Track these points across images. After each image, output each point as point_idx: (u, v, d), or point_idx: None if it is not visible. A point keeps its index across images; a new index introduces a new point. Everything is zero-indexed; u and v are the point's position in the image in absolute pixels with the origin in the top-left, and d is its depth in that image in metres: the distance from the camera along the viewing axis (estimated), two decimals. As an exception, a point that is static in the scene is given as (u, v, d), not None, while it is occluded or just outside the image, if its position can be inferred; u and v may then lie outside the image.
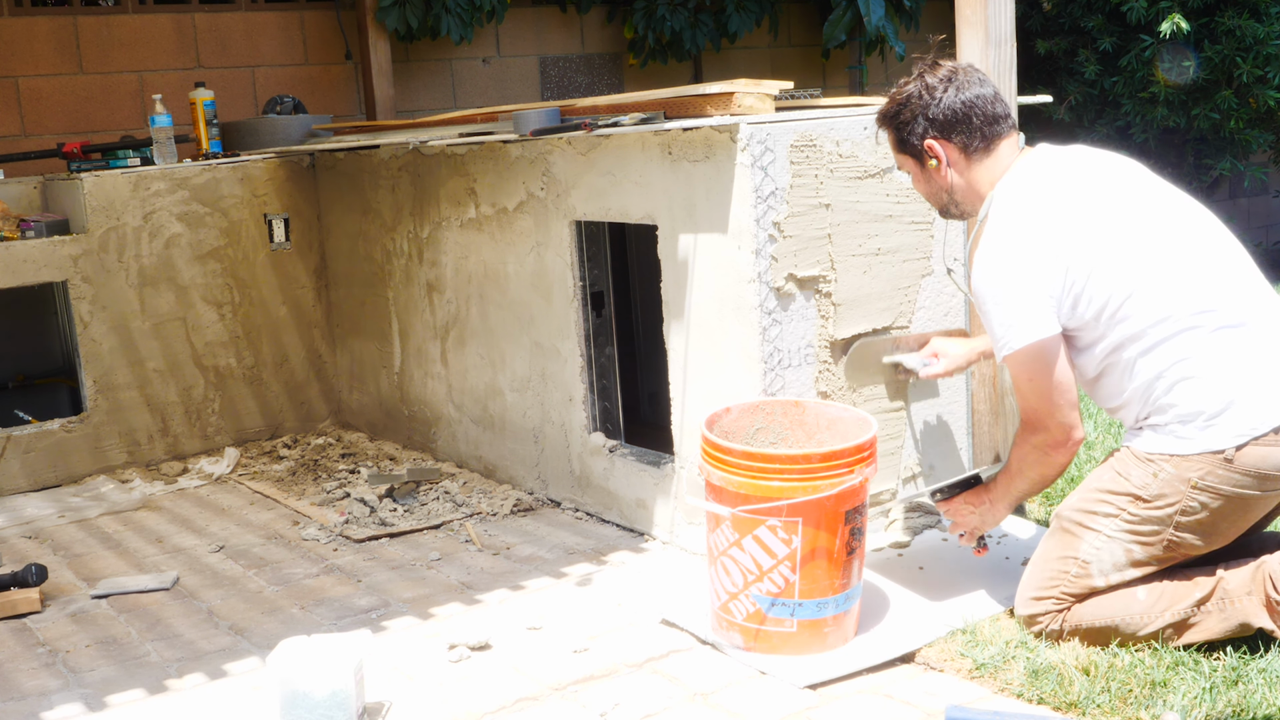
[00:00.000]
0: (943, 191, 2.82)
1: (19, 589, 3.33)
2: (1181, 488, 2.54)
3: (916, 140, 2.78)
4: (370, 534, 3.75)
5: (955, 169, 2.78)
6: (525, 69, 6.41)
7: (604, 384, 3.81)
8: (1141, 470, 2.58)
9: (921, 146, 2.78)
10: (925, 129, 2.76)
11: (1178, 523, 2.56)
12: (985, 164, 2.76)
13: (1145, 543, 2.59)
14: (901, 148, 2.84)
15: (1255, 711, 2.33)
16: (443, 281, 4.36)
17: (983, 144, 2.76)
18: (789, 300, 3.18)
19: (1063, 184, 2.68)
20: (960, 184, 2.79)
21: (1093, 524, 2.63)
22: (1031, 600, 2.69)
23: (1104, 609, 2.62)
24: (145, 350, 4.69)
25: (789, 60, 7.24)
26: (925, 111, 2.75)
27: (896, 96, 2.82)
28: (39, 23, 5.22)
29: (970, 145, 2.75)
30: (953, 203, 2.83)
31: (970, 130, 2.75)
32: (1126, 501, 2.59)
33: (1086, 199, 2.65)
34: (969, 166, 2.77)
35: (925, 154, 2.78)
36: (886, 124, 2.86)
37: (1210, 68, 6.28)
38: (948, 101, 2.74)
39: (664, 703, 2.57)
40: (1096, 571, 2.62)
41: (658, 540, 3.56)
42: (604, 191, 3.57)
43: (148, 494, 4.38)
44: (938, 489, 2.91)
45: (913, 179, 2.89)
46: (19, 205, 4.79)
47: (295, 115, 5.29)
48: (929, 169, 2.80)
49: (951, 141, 2.76)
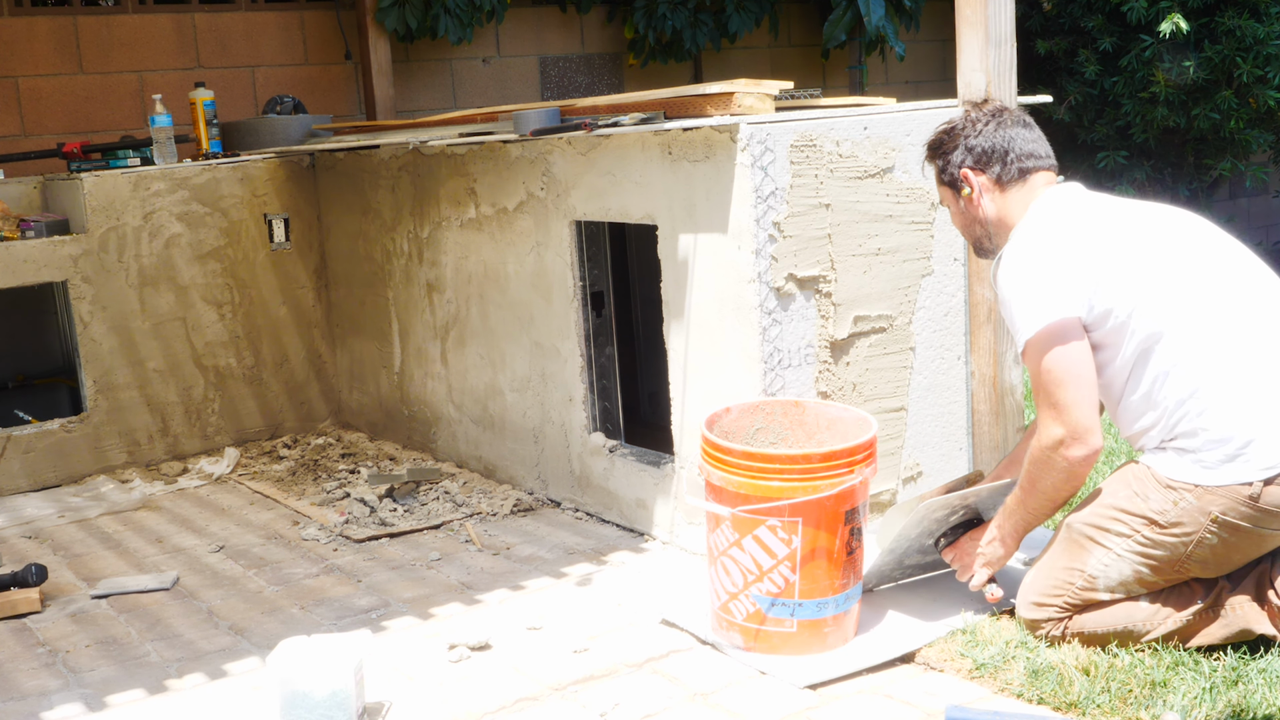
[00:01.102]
0: (976, 223, 2.83)
1: (19, 589, 3.33)
2: (1201, 519, 2.50)
3: (954, 170, 2.82)
4: (370, 534, 3.75)
5: (988, 200, 2.79)
6: (525, 69, 6.41)
7: (604, 384, 3.81)
8: (1161, 496, 2.53)
9: (958, 176, 2.81)
10: (963, 159, 2.80)
11: (1191, 553, 2.53)
12: (1018, 197, 2.77)
13: (1155, 565, 2.57)
14: (941, 178, 2.87)
15: (1255, 711, 2.33)
16: (443, 281, 4.36)
17: (1018, 177, 2.77)
18: (789, 300, 3.18)
19: (1094, 203, 2.71)
20: (993, 216, 2.79)
21: (1104, 540, 2.60)
22: (1034, 605, 2.67)
23: (1106, 618, 2.62)
24: (145, 350, 4.69)
25: (789, 60, 7.24)
26: (965, 142, 2.80)
27: (942, 128, 2.88)
28: (39, 23, 5.22)
29: (1004, 178, 2.77)
30: (986, 235, 2.83)
31: (1006, 163, 2.77)
32: (1141, 524, 2.55)
33: (1116, 219, 2.66)
34: (1003, 198, 2.78)
35: (960, 183, 2.81)
36: (931, 154, 2.90)
37: (1210, 68, 6.27)
38: (987, 134, 2.78)
39: (664, 703, 2.58)
40: (1102, 586, 2.61)
41: (658, 540, 3.56)
42: (604, 191, 3.57)
43: (148, 494, 4.38)
44: (941, 536, 2.87)
45: (951, 214, 2.91)
46: (19, 205, 4.79)
47: (295, 115, 5.29)
48: (963, 199, 2.83)
49: (985, 173, 2.78)
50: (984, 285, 3.45)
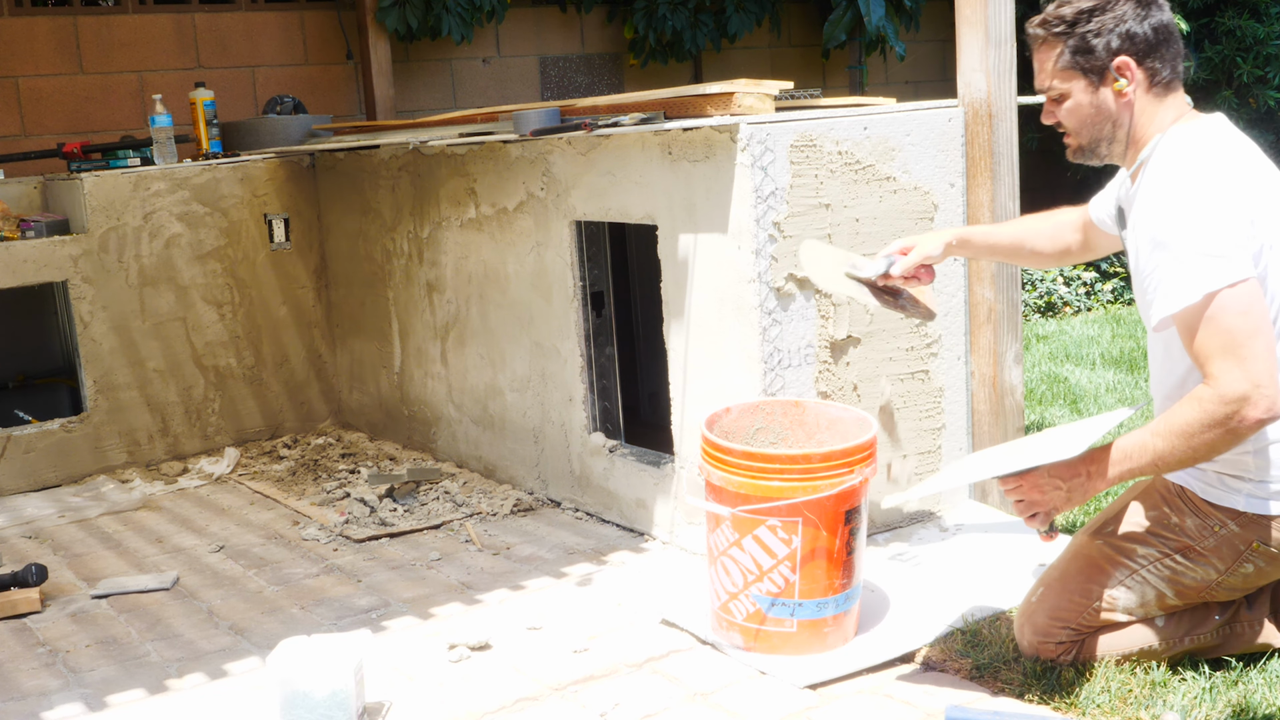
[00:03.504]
0: (1109, 121, 2.43)
1: (19, 589, 3.33)
2: (1241, 548, 2.39)
3: (1104, 55, 2.37)
4: (370, 534, 3.75)
5: (1140, 100, 2.41)
6: (525, 69, 6.41)
7: (604, 384, 3.81)
8: (1198, 522, 2.42)
9: (1109, 64, 2.38)
10: (1122, 44, 2.37)
11: (1224, 580, 2.43)
12: (1164, 103, 2.42)
13: (1181, 589, 2.47)
14: (1074, 62, 2.41)
15: (1255, 711, 2.33)
16: (443, 281, 4.37)
17: (1171, 78, 2.42)
18: (789, 300, 3.18)
19: (1249, 150, 2.40)
20: (1137, 120, 2.42)
21: (1129, 562, 2.47)
22: (1044, 628, 2.53)
23: (1123, 641, 2.51)
24: (145, 350, 4.69)
25: (789, 60, 7.24)
26: (1124, 24, 2.36)
27: (1084, 1, 2.40)
28: (39, 23, 5.22)
29: (1159, 76, 2.40)
30: (1111, 138, 2.44)
31: (1164, 59, 2.39)
32: (1174, 548, 2.44)
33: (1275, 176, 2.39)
34: (1150, 100, 2.41)
35: (1111, 73, 2.38)
36: (1062, 32, 2.41)
37: (1210, 68, 6.28)
38: (1155, 19, 2.38)
39: (664, 703, 2.57)
40: (1122, 609, 2.50)
41: (658, 540, 3.56)
42: (604, 191, 3.57)
43: (148, 494, 4.38)
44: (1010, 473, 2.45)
45: (1067, 104, 2.45)
46: (19, 205, 4.79)
47: (295, 115, 5.29)
48: (1106, 91, 2.40)
49: (1144, 66, 2.39)
50: (984, 285, 3.45)
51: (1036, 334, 5.90)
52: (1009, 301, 3.47)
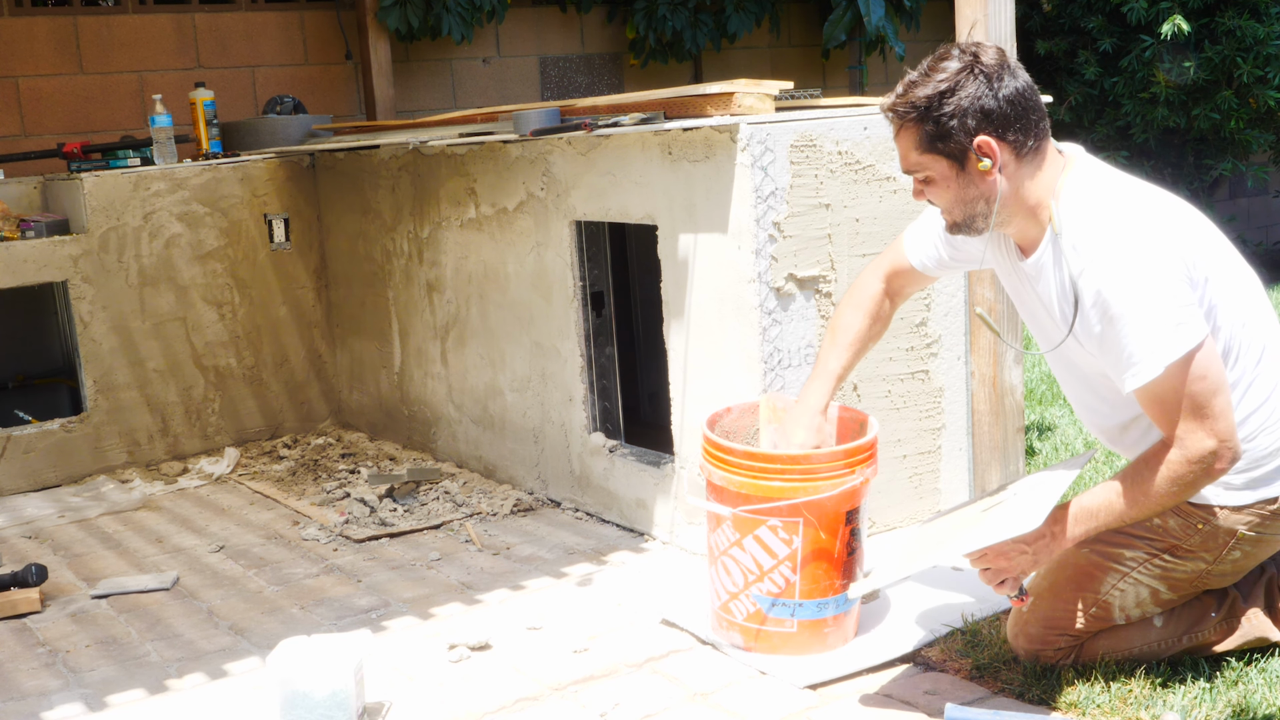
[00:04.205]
0: (980, 200, 2.36)
1: (19, 589, 3.33)
2: (1227, 540, 2.41)
3: (963, 137, 2.30)
4: (370, 534, 3.75)
5: (1004, 173, 2.34)
6: (525, 69, 6.41)
7: (604, 384, 3.81)
8: (1180, 521, 2.43)
9: (969, 145, 2.31)
10: (979, 125, 2.30)
11: (1213, 569, 2.45)
12: (1037, 169, 2.36)
13: (1173, 583, 2.47)
14: (933, 146, 2.34)
15: (1255, 711, 2.33)
16: (443, 281, 4.37)
17: (1035, 144, 2.35)
18: (789, 300, 3.18)
19: (1153, 191, 2.39)
20: (1007, 191, 2.35)
21: (1119, 566, 2.48)
22: (1039, 636, 2.53)
23: (1120, 643, 2.52)
24: (145, 350, 4.69)
25: (789, 60, 7.24)
26: (977, 102, 2.29)
27: (938, 84, 2.31)
28: (39, 23, 5.22)
29: (1024, 146, 2.33)
30: (986, 213, 2.37)
31: (1025, 128, 2.32)
32: (1161, 548, 2.45)
33: (1185, 212, 2.39)
34: (1018, 171, 2.34)
35: (972, 154, 2.32)
36: (917, 118, 2.33)
37: (1210, 68, 6.28)
38: (1008, 89, 2.30)
39: (664, 703, 2.58)
40: (1117, 611, 2.51)
41: (658, 540, 3.56)
42: (604, 191, 3.57)
43: (148, 494, 4.38)
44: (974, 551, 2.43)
45: (935, 186, 2.40)
46: (19, 205, 4.79)
47: (295, 115, 5.29)
48: (970, 173, 2.34)
49: (1006, 141, 2.32)
50: (984, 285, 3.45)
51: (1036, 334, 5.89)
52: (1009, 301, 3.47)
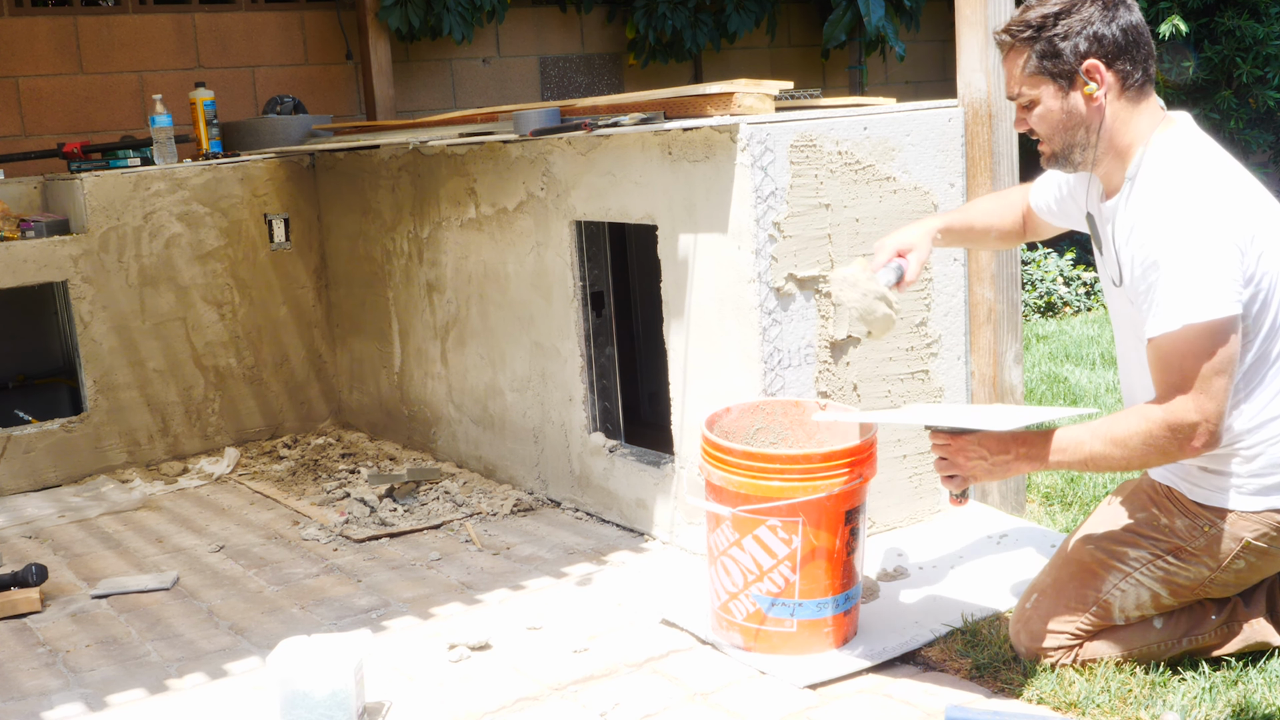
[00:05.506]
0: (1081, 128, 2.38)
1: (19, 589, 3.34)
2: (1233, 546, 2.40)
3: (1073, 59, 2.33)
4: (370, 534, 3.75)
5: (1111, 105, 2.35)
6: (525, 69, 6.41)
7: (604, 384, 3.82)
8: (1187, 522, 2.43)
9: (1077, 68, 2.33)
10: (1090, 48, 2.32)
11: (1216, 577, 2.45)
12: (1137, 109, 2.37)
13: (1176, 589, 2.47)
14: (1041, 67, 2.36)
15: (1255, 711, 2.33)
16: (443, 281, 4.37)
17: (1143, 82, 2.36)
18: (789, 300, 3.18)
19: (1239, 170, 2.37)
20: (1108, 124, 2.36)
21: (1122, 565, 2.48)
22: (1041, 634, 2.53)
23: (1120, 643, 2.52)
24: (145, 350, 4.69)
25: (789, 60, 7.24)
26: (1091, 26, 2.31)
27: (1055, 4, 2.34)
28: (39, 23, 5.22)
29: (1130, 80, 2.35)
30: (1084, 144, 2.39)
31: (1134, 61, 2.34)
32: (1165, 549, 2.45)
33: (1260, 192, 2.36)
34: (1122, 106, 2.35)
35: (1080, 77, 2.34)
36: (1029, 37, 2.36)
37: (1210, 68, 6.28)
38: (1123, 20, 2.33)
39: (664, 703, 2.58)
40: (1118, 612, 2.51)
41: (658, 540, 3.56)
42: (604, 191, 3.57)
43: (148, 494, 4.38)
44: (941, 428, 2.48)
45: (1038, 110, 2.41)
46: (19, 205, 4.79)
47: (295, 115, 5.30)
48: (1076, 97, 2.36)
49: (1114, 69, 2.34)
50: (984, 285, 3.46)
51: (1036, 334, 5.90)
52: (1009, 301, 3.47)
